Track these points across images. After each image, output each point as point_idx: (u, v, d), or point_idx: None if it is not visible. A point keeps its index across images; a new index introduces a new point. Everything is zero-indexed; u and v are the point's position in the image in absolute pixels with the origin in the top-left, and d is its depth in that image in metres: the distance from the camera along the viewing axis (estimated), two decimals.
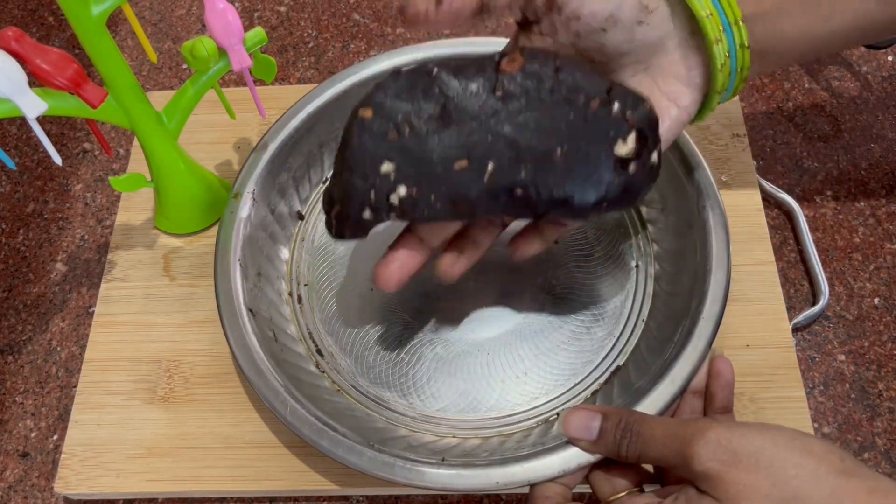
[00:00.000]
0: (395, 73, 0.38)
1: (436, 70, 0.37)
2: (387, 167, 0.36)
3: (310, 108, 0.49)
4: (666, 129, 0.37)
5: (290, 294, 0.47)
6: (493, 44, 0.51)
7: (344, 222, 0.37)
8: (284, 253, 0.48)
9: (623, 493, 0.34)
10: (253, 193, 0.46)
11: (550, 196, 0.36)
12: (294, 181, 0.49)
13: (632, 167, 0.36)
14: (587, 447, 0.36)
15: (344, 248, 0.48)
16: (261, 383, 0.40)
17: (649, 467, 0.36)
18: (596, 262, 0.47)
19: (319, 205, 0.50)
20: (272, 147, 0.48)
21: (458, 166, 0.36)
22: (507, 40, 0.47)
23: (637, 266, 0.47)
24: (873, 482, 0.28)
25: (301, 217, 0.50)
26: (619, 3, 0.35)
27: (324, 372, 0.44)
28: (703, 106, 0.39)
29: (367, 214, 0.37)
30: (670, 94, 0.38)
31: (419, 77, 0.37)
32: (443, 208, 0.37)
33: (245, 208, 0.46)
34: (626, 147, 0.36)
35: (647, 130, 0.36)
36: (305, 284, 0.47)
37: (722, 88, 0.37)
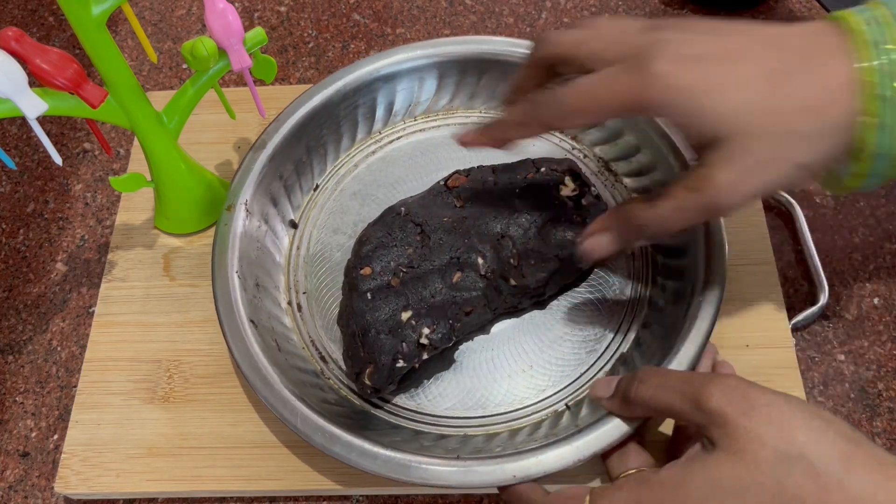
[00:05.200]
0: (371, 224, 0.45)
1: (403, 209, 0.44)
2: (406, 315, 0.41)
3: (297, 115, 0.49)
4: None
5: (290, 303, 0.47)
6: (493, 42, 0.51)
7: (381, 380, 0.40)
8: (281, 262, 0.48)
9: (633, 470, 0.35)
10: (246, 204, 0.46)
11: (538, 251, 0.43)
12: (285, 189, 0.49)
13: (584, 201, 0.44)
14: (606, 403, 0.37)
15: (340, 253, 0.48)
16: (268, 393, 0.40)
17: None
18: None
19: (312, 211, 0.50)
20: (261, 157, 0.48)
21: (456, 278, 0.42)
22: (504, 39, 0.49)
23: (634, 253, 0.47)
24: (882, 454, 0.29)
25: (294, 225, 0.50)
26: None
27: (329, 378, 0.44)
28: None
29: (400, 364, 0.40)
30: None
31: (392, 218, 0.44)
32: (462, 325, 0.42)
33: (239, 220, 0.46)
34: (567, 188, 0.44)
35: (577, 172, 0.45)
36: (304, 293, 0.47)
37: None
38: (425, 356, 0.41)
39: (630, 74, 0.32)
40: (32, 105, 0.37)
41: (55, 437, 0.46)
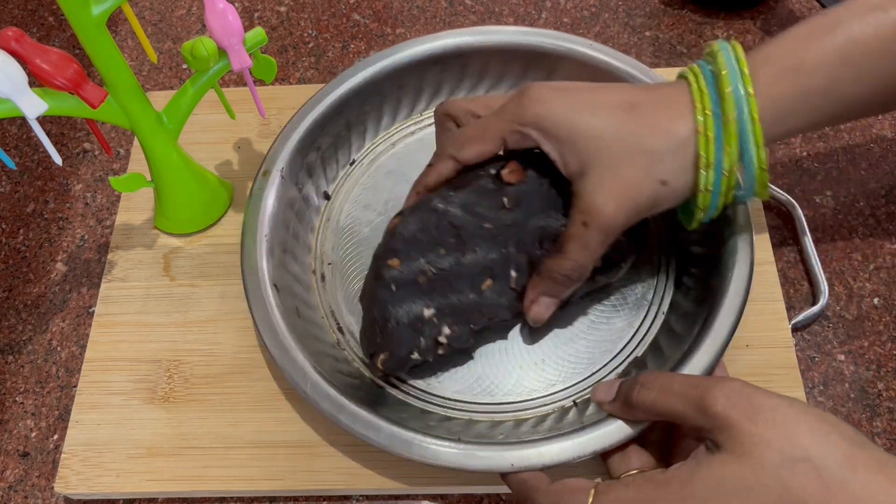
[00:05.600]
0: (406, 213, 0.42)
1: (441, 206, 0.41)
2: (428, 312, 0.40)
3: (340, 89, 0.49)
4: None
5: (314, 272, 0.48)
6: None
7: (394, 367, 0.40)
8: (310, 232, 0.49)
9: (634, 471, 0.35)
10: (282, 172, 0.47)
11: None
12: (322, 161, 0.50)
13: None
14: (608, 407, 0.37)
15: (368, 229, 0.49)
16: (282, 357, 0.40)
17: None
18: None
19: (346, 185, 0.51)
20: (302, 127, 0.48)
21: (486, 286, 0.41)
22: (553, 32, 0.51)
23: (661, 259, 0.47)
24: (885, 457, 0.29)
25: (328, 197, 0.50)
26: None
27: (344, 350, 0.44)
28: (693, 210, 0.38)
29: (415, 356, 0.40)
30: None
31: (429, 213, 0.41)
32: (482, 331, 0.41)
33: (273, 186, 0.46)
34: None
35: None
36: (329, 263, 0.48)
37: (704, 207, 0.37)
38: (441, 353, 0.41)
39: (512, 104, 0.38)
40: (32, 105, 0.37)
41: (55, 437, 0.46)
